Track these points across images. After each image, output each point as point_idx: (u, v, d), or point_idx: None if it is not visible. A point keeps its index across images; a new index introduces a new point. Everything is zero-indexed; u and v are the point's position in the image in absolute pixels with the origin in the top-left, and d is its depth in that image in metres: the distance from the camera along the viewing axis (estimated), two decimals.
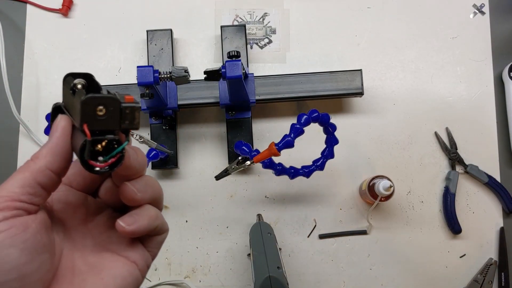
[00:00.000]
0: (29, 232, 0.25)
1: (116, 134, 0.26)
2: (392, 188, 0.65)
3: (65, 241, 0.30)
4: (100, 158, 0.26)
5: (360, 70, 0.72)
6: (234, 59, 0.63)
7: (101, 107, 0.25)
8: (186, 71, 0.59)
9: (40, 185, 0.26)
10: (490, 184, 0.73)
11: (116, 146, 0.26)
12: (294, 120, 0.60)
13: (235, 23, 0.78)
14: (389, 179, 0.67)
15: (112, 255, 0.30)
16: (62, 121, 0.27)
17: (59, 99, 0.29)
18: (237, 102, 0.70)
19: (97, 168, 0.26)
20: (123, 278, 0.29)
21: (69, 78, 0.27)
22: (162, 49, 0.74)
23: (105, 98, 0.25)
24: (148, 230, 0.29)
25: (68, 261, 0.29)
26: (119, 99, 0.26)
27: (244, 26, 0.75)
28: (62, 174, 0.28)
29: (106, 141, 0.26)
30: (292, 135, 0.59)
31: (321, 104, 0.75)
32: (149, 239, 0.31)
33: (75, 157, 0.28)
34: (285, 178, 0.66)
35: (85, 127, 0.25)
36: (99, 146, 0.26)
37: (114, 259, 0.30)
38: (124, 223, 0.28)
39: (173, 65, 0.74)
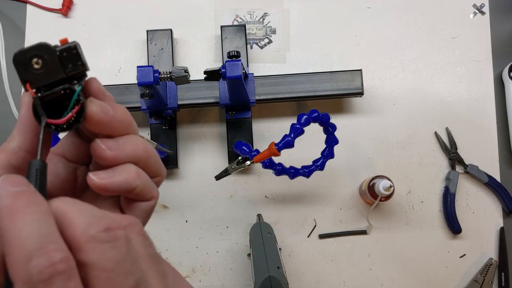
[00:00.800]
0: None
1: (70, 83, 0.24)
2: (392, 188, 0.65)
3: None
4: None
5: (360, 70, 0.72)
6: (234, 59, 0.63)
7: (35, 59, 0.23)
8: (186, 71, 0.59)
9: (15, 167, 0.24)
10: (490, 184, 0.73)
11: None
12: (294, 120, 0.60)
13: (235, 23, 0.78)
14: (389, 179, 0.67)
15: None
16: (25, 97, 0.25)
17: None
18: (237, 102, 0.70)
19: (59, 124, 0.24)
20: None
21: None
22: (162, 49, 0.74)
23: (35, 48, 0.23)
24: (125, 189, 0.26)
25: None
26: (48, 43, 0.24)
27: (244, 26, 0.75)
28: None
29: (60, 93, 0.24)
30: (292, 135, 0.59)
31: (321, 104, 0.75)
32: (132, 206, 0.28)
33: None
34: (285, 178, 0.66)
35: (28, 86, 0.23)
36: (56, 102, 0.23)
37: None
38: (96, 176, 0.25)
39: (173, 65, 0.74)
